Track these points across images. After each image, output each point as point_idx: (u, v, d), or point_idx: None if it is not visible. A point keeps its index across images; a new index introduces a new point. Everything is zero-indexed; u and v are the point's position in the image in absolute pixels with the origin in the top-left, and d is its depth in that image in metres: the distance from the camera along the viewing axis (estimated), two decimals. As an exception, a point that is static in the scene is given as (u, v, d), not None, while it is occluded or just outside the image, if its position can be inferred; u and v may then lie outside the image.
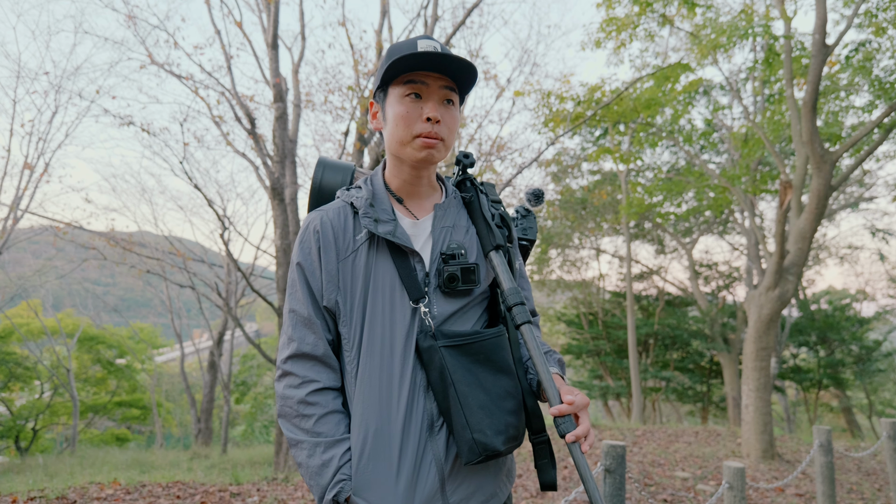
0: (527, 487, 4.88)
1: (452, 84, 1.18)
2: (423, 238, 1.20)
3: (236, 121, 7.56)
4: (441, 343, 1.11)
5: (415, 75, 1.16)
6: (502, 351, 1.17)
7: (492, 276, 1.22)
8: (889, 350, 16.33)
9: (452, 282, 1.14)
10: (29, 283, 17.25)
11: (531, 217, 1.51)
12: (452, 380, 1.09)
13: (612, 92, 9.16)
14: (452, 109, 1.19)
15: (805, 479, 5.77)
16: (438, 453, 1.12)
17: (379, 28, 7.93)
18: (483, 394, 1.10)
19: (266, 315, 32.44)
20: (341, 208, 1.21)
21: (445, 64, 1.13)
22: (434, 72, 1.15)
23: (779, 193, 7.05)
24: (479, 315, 1.22)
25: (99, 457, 11.81)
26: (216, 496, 4.41)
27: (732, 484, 2.84)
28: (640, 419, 13.97)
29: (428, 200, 1.26)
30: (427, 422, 1.12)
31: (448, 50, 1.17)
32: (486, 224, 1.22)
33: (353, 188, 1.25)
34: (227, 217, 11.43)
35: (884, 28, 6.65)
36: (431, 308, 1.14)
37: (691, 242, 16.31)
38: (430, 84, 1.16)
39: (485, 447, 1.07)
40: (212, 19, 7.95)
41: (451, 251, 1.17)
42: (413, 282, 1.14)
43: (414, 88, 1.16)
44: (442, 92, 1.17)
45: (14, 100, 12.15)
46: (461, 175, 1.32)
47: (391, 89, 1.19)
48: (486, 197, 1.29)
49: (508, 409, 1.12)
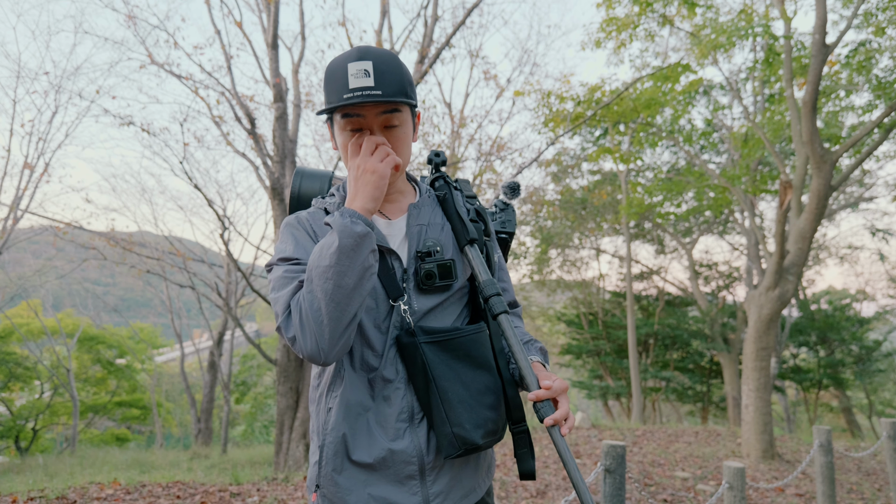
0: (527, 487, 4.88)
1: (392, 105, 1.15)
2: (399, 238, 1.21)
3: (236, 121, 7.56)
4: (421, 340, 1.13)
5: (350, 109, 1.14)
6: (482, 347, 1.18)
7: (469, 270, 1.24)
8: (889, 350, 16.33)
9: (430, 279, 1.16)
10: (29, 283, 17.26)
11: (509, 210, 1.52)
12: (433, 375, 1.11)
13: (612, 92, 9.17)
14: (397, 130, 1.17)
15: (805, 479, 5.77)
16: (419, 443, 1.14)
17: (379, 28, 7.94)
18: (462, 389, 1.13)
19: (266, 315, 32.44)
20: (315, 213, 1.24)
21: (375, 97, 1.10)
22: (367, 103, 1.12)
23: (779, 193, 7.05)
24: (459, 311, 1.24)
25: (99, 457, 11.81)
26: (216, 496, 4.41)
27: (732, 484, 2.84)
28: (640, 419, 13.97)
29: (401, 202, 1.27)
30: (407, 413, 1.15)
31: (386, 71, 1.12)
32: (461, 219, 1.23)
33: (328, 196, 1.28)
34: (227, 217, 11.42)
35: (883, 28, 6.65)
36: (411, 305, 1.16)
37: (691, 242, 16.31)
38: (367, 114, 1.14)
39: (464, 441, 1.09)
40: (212, 19, 7.96)
41: (426, 248, 1.18)
42: (391, 280, 1.16)
43: (350, 123, 1.15)
44: (380, 118, 1.15)
45: (14, 100, 12.17)
46: (435, 173, 1.33)
47: (334, 116, 1.18)
48: (460, 193, 1.30)
49: (487, 403, 1.15)
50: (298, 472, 5.72)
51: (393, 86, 1.12)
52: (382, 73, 1.12)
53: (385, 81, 1.11)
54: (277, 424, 7.05)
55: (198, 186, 8.06)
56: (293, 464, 6.67)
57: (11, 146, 28.97)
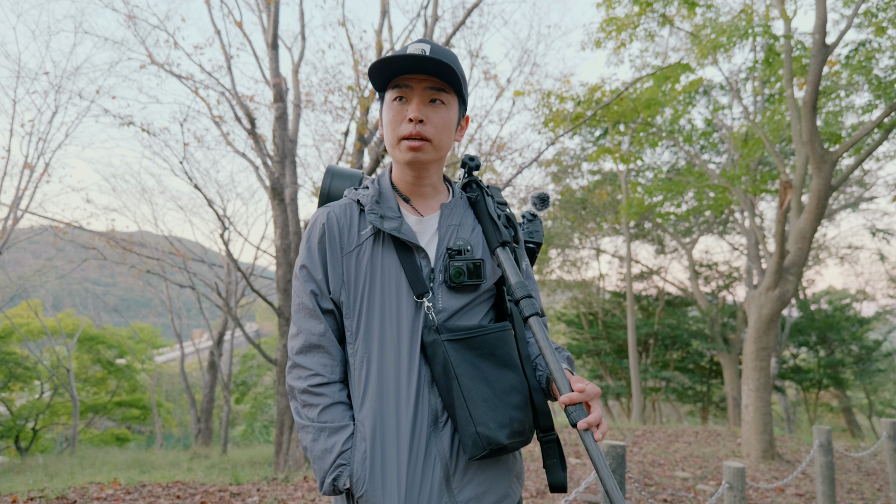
0: (526, 487, 4.87)
1: (440, 84, 1.17)
2: (428, 235, 1.22)
3: (236, 121, 7.56)
4: (444, 337, 1.12)
5: (400, 79, 1.17)
6: (507, 346, 1.17)
7: (498, 273, 1.23)
8: (889, 350, 16.33)
9: (459, 276, 1.16)
10: (29, 283, 17.24)
11: (537, 221, 1.52)
12: (456, 374, 1.10)
13: (612, 92, 9.16)
14: (441, 109, 1.18)
15: (805, 479, 5.77)
16: (443, 449, 1.12)
17: (379, 28, 7.93)
18: (487, 388, 1.11)
19: (266, 315, 32.44)
20: (348, 205, 1.25)
21: (424, 64, 1.13)
22: (414, 73, 1.16)
23: (779, 193, 7.04)
24: (485, 312, 1.23)
25: (99, 457, 11.81)
26: (216, 496, 4.41)
27: (732, 484, 2.84)
28: (640, 419, 13.97)
29: (434, 200, 1.28)
30: (431, 416, 1.13)
31: (442, 51, 1.17)
32: (493, 222, 1.23)
33: (361, 188, 1.28)
34: (227, 217, 11.41)
35: (884, 28, 6.65)
36: (436, 303, 1.16)
37: (691, 242, 16.31)
38: (415, 86, 1.16)
39: (489, 440, 1.06)
40: (212, 19, 7.96)
41: (457, 247, 1.19)
42: (417, 277, 1.16)
43: (399, 92, 1.18)
44: (427, 93, 1.17)
45: (14, 100, 12.14)
46: (467, 177, 1.33)
47: (385, 95, 1.21)
48: (491, 199, 1.30)
49: (513, 403, 1.12)
50: (298, 472, 5.72)
51: (448, 66, 1.13)
52: (439, 53, 1.15)
53: (430, 58, 1.12)
54: (277, 424, 7.05)
55: (198, 186, 8.06)
56: (293, 464, 6.67)
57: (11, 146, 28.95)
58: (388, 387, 1.14)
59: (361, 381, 1.16)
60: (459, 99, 1.23)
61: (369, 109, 7.61)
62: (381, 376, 1.15)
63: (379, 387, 1.14)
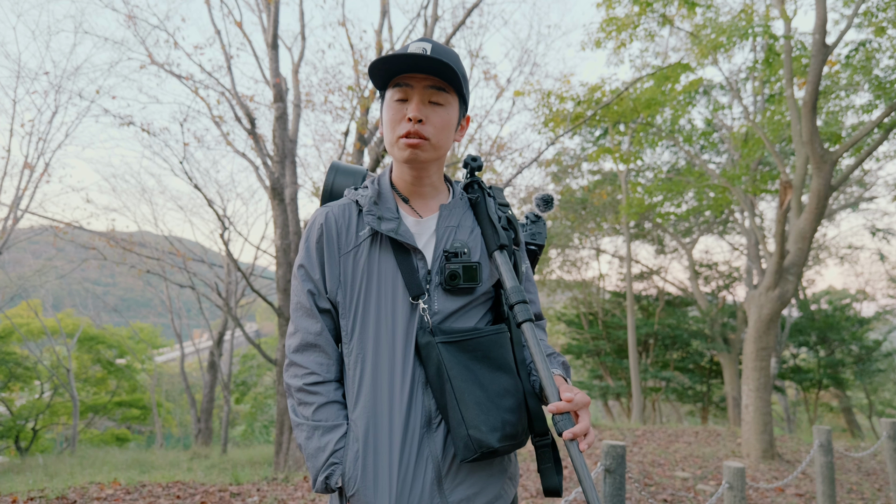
0: (526, 487, 4.87)
1: (441, 83, 1.17)
2: (426, 236, 1.21)
3: (236, 121, 7.56)
4: (438, 339, 1.12)
5: (400, 78, 1.17)
6: (502, 349, 1.17)
7: (495, 276, 1.22)
8: (889, 350, 16.33)
9: (454, 279, 1.15)
10: (29, 283, 17.24)
11: (540, 223, 1.50)
12: (449, 376, 1.10)
13: (612, 92, 9.16)
14: (440, 109, 1.18)
15: (805, 479, 5.77)
16: (435, 450, 1.12)
17: (379, 28, 7.93)
18: (480, 391, 1.10)
19: (266, 315, 32.43)
20: (347, 205, 1.25)
21: (424, 63, 1.13)
22: (414, 72, 1.16)
23: (779, 193, 7.05)
24: (482, 314, 1.22)
25: (99, 457, 11.81)
26: (216, 496, 4.41)
27: (732, 484, 2.84)
28: (640, 419, 13.97)
29: (433, 200, 1.27)
30: (424, 418, 1.13)
31: (443, 50, 1.17)
32: (492, 225, 1.23)
33: (361, 188, 1.28)
34: (227, 217, 11.43)
35: (884, 28, 6.65)
36: (431, 305, 1.16)
37: (691, 242, 16.31)
38: (415, 85, 1.16)
39: (480, 443, 1.06)
40: (212, 19, 7.96)
41: (454, 249, 1.18)
42: (414, 279, 1.16)
43: (399, 91, 1.18)
44: (427, 92, 1.17)
45: (14, 100, 12.14)
46: (469, 177, 1.33)
47: (386, 94, 1.22)
48: (493, 200, 1.30)
49: (506, 406, 1.12)
50: (298, 472, 5.72)
51: (448, 66, 1.13)
52: (440, 52, 1.15)
53: (430, 57, 1.12)
54: (277, 424, 7.05)
55: (198, 186, 8.06)
56: (293, 464, 6.67)
57: (11, 146, 28.97)
58: (381, 387, 1.14)
59: (356, 381, 1.17)
60: (460, 99, 1.22)
61: (369, 109, 7.61)
62: (375, 377, 1.15)
63: (373, 387, 1.14)
